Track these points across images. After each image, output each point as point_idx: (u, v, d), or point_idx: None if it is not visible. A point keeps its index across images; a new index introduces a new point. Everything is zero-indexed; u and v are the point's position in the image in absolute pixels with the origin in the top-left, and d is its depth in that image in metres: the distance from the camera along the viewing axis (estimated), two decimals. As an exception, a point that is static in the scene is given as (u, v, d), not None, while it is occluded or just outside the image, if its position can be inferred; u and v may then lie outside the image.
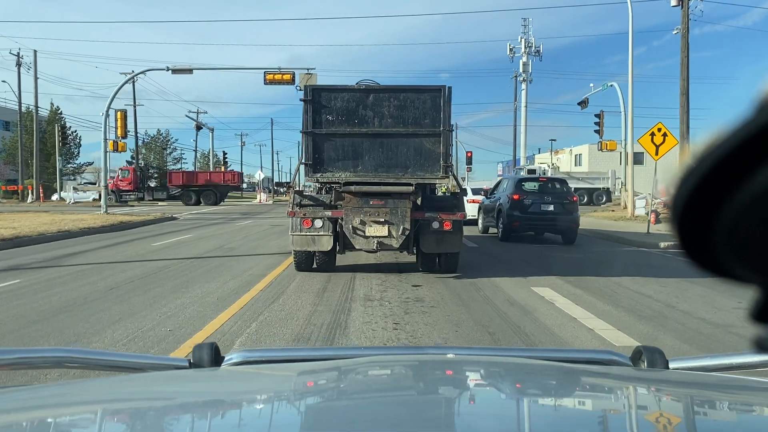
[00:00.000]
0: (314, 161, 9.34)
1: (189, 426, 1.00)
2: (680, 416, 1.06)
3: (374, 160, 9.33)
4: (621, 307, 7.60)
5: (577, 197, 16.68)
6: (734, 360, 1.40)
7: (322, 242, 9.55)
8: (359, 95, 9.27)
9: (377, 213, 9.31)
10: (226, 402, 1.15)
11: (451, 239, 9.60)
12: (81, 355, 1.35)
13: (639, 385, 1.25)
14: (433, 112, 9.23)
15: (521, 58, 58.35)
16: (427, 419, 0.97)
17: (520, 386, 1.25)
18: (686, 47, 28.68)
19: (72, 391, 1.28)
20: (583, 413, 1.09)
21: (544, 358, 1.48)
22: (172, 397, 1.17)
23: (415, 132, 9.26)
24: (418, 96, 9.24)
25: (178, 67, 27.49)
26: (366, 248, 9.58)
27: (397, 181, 9.28)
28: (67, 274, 10.01)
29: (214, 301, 7.70)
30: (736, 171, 0.40)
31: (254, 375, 1.35)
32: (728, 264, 0.45)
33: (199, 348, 1.38)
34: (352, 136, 9.31)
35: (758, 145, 0.39)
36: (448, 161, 9.42)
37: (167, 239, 16.69)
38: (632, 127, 26.50)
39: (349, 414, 1.00)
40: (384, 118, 9.25)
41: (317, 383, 1.27)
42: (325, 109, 9.26)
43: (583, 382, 1.29)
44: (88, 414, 1.09)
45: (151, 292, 8.26)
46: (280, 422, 1.00)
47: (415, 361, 1.45)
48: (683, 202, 0.43)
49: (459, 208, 9.73)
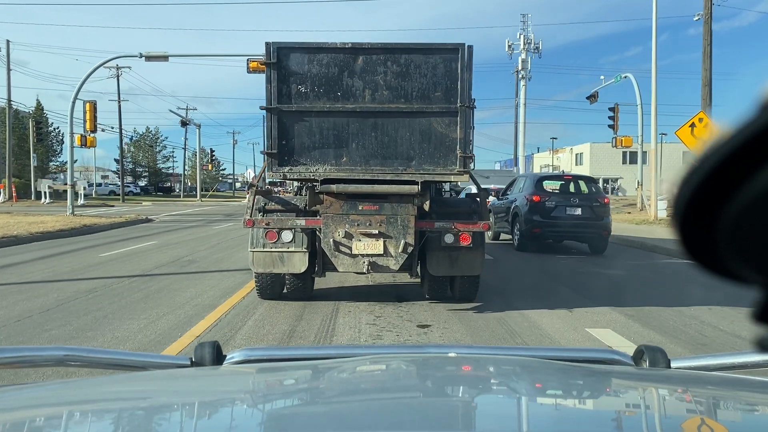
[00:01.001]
0: (281, 150, 6.71)
1: (191, 424, 0.99)
2: (682, 415, 1.07)
3: (364, 149, 6.75)
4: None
5: (609, 199, 14.10)
6: (736, 359, 1.38)
7: (292, 262, 6.96)
8: (344, 57, 6.65)
9: (369, 222, 6.73)
10: (227, 400, 1.15)
11: (470, 258, 7.02)
12: (83, 354, 1.34)
13: (641, 385, 1.24)
14: (447, 82, 6.63)
15: (520, 55, 56.31)
16: (429, 418, 0.96)
17: (522, 385, 1.23)
18: (709, 34, 26.25)
19: (74, 390, 1.27)
20: (584, 412, 1.08)
21: (546, 357, 1.42)
22: (173, 396, 1.18)
23: (421, 109, 6.67)
24: (426, 58, 6.63)
25: (153, 54, 24.83)
26: (353, 270, 7.00)
27: (397, 177, 6.72)
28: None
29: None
30: (739, 171, 0.40)
31: (256, 374, 1.34)
32: (730, 264, 0.45)
33: (201, 346, 1.35)
34: (333, 115, 6.72)
35: (761, 145, 0.39)
36: (467, 150, 6.82)
37: (123, 247, 14.11)
38: (655, 121, 24.04)
39: (350, 412, 1.00)
40: (378, 90, 6.66)
41: (319, 382, 1.26)
42: (296, 77, 6.65)
43: (585, 381, 1.25)
44: (90, 412, 1.08)
45: (37, 339, 5.67)
46: (282, 421, 1.00)
47: (417, 360, 1.43)
48: (686, 201, 0.43)
49: (480, 216, 7.09)
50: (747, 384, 1.26)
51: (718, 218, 0.43)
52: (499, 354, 1.55)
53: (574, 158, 72.03)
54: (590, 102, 35.21)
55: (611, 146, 29.58)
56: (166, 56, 24.61)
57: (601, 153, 64.73)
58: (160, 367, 1.37)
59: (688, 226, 0.44)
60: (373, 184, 6.70)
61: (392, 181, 6.71)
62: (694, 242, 0.45)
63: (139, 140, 75.17)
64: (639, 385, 1.23)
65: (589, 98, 35.40)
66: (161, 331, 6.04)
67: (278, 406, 1.10)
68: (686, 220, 0.44)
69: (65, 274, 9.86)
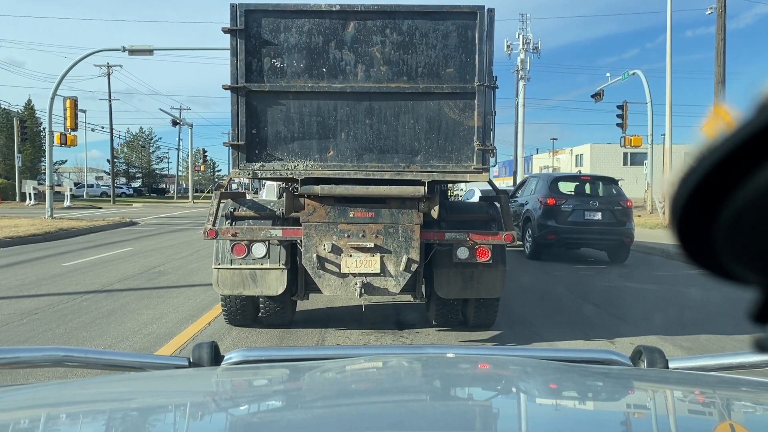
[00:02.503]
0: (250, 141, 5.28)
1: (189, 425, 0.98)
2: (680, 416, 1.06)
3: (356, 141, 5.31)
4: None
5: (632, 202, 12.70)
6: (734, 360, 1.37)
7: (267, 281, 5.54)
8: (330, 23, 5.22)
9: (362, 233, 5.31)
10: (225, 401, 1.14)
11: (489, 277, 5.61)
12: (81, 354, 1.34)
13: (639, 385, 1.24)
14: (461, 55, 5.22)
15: (519, 55, 55.27)
16: (427, 418, 0.95)
17: (520, 385, 1.23)
18: (722, 29, 24.99)
19: (72, 390, 1.26)
20: (582, 412, 1.08)
21: (545, 357, 1.42)
22: (171, 396, 1.17)
23: (429, 90, 5.24)
24: (435, 25, 5.19)
25: (137, 48, 23.41)
26: (342, 293, 5.55)
27: (398, 176, 5.29)
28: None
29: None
30: (737, 171, 0.40)
31: (253, 374, 1.33)
32: (728, 264, 0.45)
33: (198, 347, 1.34)
34: (317, 97, 5.28)
35: (758, 145, 0.39)
36: (488, 142, 5.39)
37: (94, 255, 12.72)
38: (670, 120, 22.72)
39: (349, 413, 1.00)
40: (374, 66, 5.23)
41: (316, 382, 1.25)
42: (270, 48, 5.22)
43: (584, 381, 1.24)
44: (88, 413, 1.07)
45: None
46: (280, 421, 0.98)
47: (415, 360, 1.40)
48: (683, 201, 0.43)
49: (500, 224, 5.67)
50: (745, 384, 1.27)
51: (716, 218, 0.42)
52: (498, 354, 1.53)
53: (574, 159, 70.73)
54: (595, 100, 33.96)
55: (620, 146, 28.33)
56: (150, 50, 23.20)
57: (602, 154, 63.59)
58: (157, 367, 1.36)
59: (686, 227, 0.44)
60: (368, 184, 5.27)
61: (391, 181, 5.29)
62: (692, 242, 0.45)
63: (132, 141, 73.60)
64: (637, 386, 1.24)
65: (594, 96, 34.14)
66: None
67: (276, 407, 1.08)
68: (684, 220, 0.44)
69: (11, 289, 8.45)
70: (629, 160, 60.21)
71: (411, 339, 5.77)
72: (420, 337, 5.82)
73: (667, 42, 22.82)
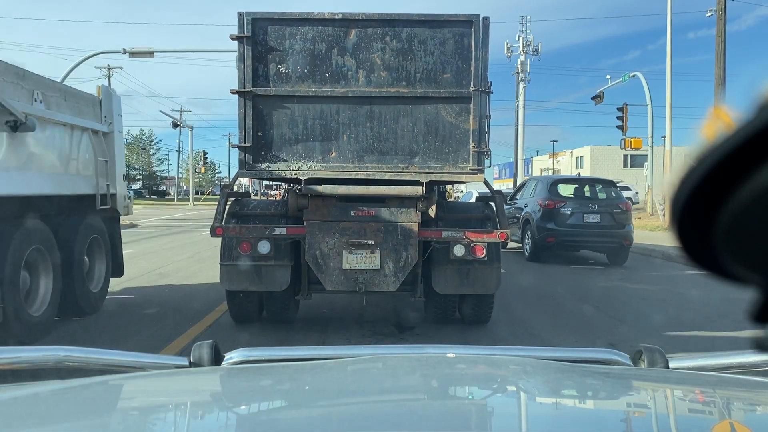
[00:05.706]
0: (256, 143, 5.52)
1: (189, 424, 0.98)
2: (680, 415, 1.06)
3: (357, 143, 5.53)
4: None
5: (630, 204, 12.77)
6: (734, 360, 1.36)
7: (273, 277, 5.72)
8: (333, 31, 5.42)
9: (362, 231, 5.49)
10: (226, 401, 1.14)
11: (484, 274, 5.80)
12: (82, 354, 1.34)
13: (640, 385, 1.24)
14: (458, 61, 5.43)
15: (519, 58, 55.47)
16: (428, 418, 0.95)
17: (520, 385, 1.23)
18: (722, 31, 25.04)
19: (72, 390, 1.24)
20: (583, 412, 1.08)
21: (545, 357, 1.40)
22: (172, 396, 1.18)
23: (427, 94, 5.46)
24: (433, 33, 5.41)
25: (137, 50, 23.52)
26: (343, 288, 5.71)
27: (397, 177, 5.52)
28: None
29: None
30: (736, 171, 0.40)
31: (254, 374, 1.32)
32: (728, 264, 0.45)
33: (199, 347, 1.33)
34: (320, 101, 5.50)
35: (758, 145, 0.39)
36: (483, 145, 5.56)
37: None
38: (670, 122, 22.81)
39: (349, 413, 1.00)
40: (375, 71, 5.42)
41: (317, 382, 1.25)
42: (275, 55, 5.44)
43: (584, 381, 1.25)
44: (88, 412, 1.06)
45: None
46: (280, 421, 0.99)
47: (415, 360, 1.40)
48: (683, 202, 0.43)
49: (496, 223, 5.89)
50: (745, 384, 1.27)
51: (716, 219, 0.42)
52: (498, 354, 1.52)
53: (574, 161, 70.93)
54: (596, 103, 34.05)
55: (620, 148, 28.40)
56: (150, 52, 23.33)
57: (602, 156, 63.79)
58: (158, 367, 1.35)
59: (686, 227, 0.44)
60: (368, 184, 5.54)
61: (391, 181, 5.54)
62: (692, 242, 0.45)
63: (132, 143, 73.82)
64: (638, 385, 1.24)
65: (594, 99, 34.24)
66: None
67: (277, 407, 1.09)
68: (684, 220, 0.44)
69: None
70: (629, 162, 60.40)
71: (411, 340, 5.84)
72: (420, 338, 5.89)
73: (667, 44, 22.92)
